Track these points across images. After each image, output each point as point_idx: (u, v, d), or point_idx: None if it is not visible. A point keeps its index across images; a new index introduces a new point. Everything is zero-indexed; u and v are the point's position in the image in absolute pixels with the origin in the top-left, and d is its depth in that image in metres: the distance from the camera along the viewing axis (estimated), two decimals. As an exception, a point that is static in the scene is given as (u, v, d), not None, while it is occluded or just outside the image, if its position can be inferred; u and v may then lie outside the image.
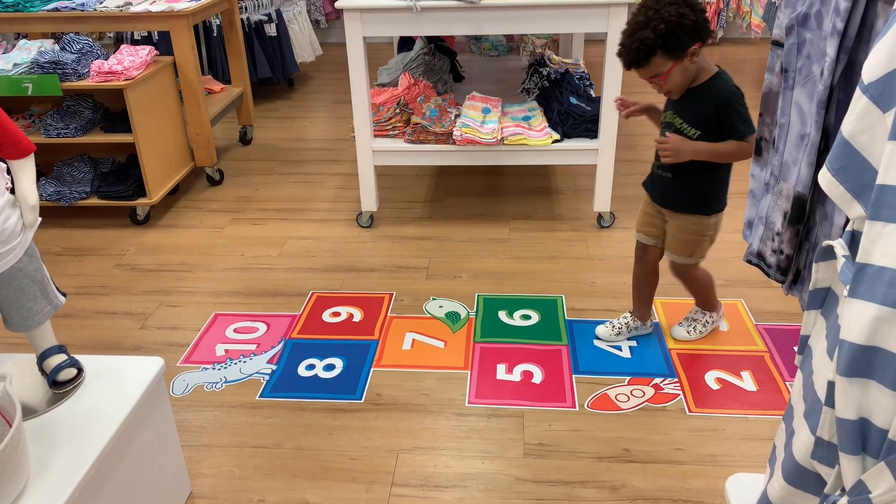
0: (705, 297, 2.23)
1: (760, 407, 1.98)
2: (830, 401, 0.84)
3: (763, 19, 5.31)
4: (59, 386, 1.43)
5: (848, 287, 0.80)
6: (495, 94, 3.23)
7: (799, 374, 1.03)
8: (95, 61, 2.93)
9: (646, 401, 2.02)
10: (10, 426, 1.15)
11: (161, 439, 1.56)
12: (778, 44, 1.32)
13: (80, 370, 1.46)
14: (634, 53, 1.80)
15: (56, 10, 3.14)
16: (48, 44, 3.07)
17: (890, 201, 0.75)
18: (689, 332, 2.25)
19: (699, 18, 1.77)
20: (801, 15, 1.22)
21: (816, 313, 0.98)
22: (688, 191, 1.99)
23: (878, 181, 0.76)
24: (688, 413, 1.97)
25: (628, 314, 2.27)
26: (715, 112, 1.87)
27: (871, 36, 1.08)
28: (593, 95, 3.22)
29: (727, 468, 1.78)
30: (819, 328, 0.97)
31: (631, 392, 2.06)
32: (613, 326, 2.26)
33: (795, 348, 1.03)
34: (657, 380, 2.10)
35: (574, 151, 2.89)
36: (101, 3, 3.17)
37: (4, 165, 1.33)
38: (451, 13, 2.63)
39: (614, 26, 2.60)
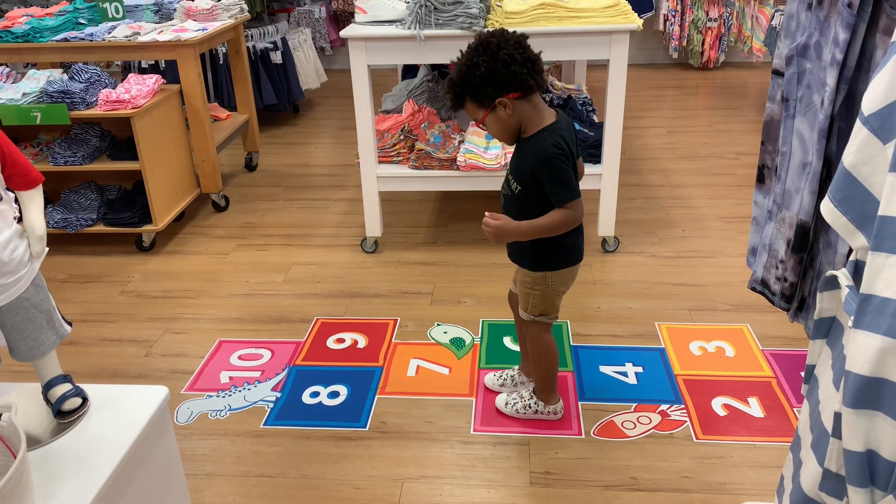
0: (542, 374, 2.01)
1: (768, 434, 1.97)
2: (837, 432, 0.83)
3: (764, 44, 5.36)
4: (64, 416, 1.42)
5: (852, 318, 0.80)
6: (499, 120, 3.24)
7: (806, 403, 1.02)
8: (103, 90, 2.97)
9: (652, 428, 2.01)
10: (15, 457, 1.15)
11: (165, 469, 1.55)
12: (778, 73, 1.34)
13: (84, 399, 1.46)
14: (448, 98, 1.76)
15: (65, 40, 3.19)
16: (57, 73, 3.11)
17: (892, 233, 0.75)
18: (507, 405, 2.07)
19: (499, 69, 1.64)
20: (800, 45, 1.23)
21: (822, 343, 0.98)
22: (513, 245, 1.88)
23: (880, 212, 0.77)
24: (695, 440, 1.96)
25: (516, 368, 2.18)
26: (532, 171, 1.72)
27: (870, 66, 1.09)
28: (596, 121, 3.25)
29: (735, 496, 1.76)
30: (825, 358, 0.97)
31: (637, 419, 2.04)
32: (499, 377, 2.19)
33: (803, 374, 1.03)
34: (664, 406, 2.09)
35: (577, 177, 2.90)
36: (109, 33, 3.22)
37: (13, 195, 1.34)
38: (454, 41, 2.66)
39: (616, 53, 2.63)
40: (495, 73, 1.65)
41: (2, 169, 1.28)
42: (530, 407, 2.05)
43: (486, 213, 1.78)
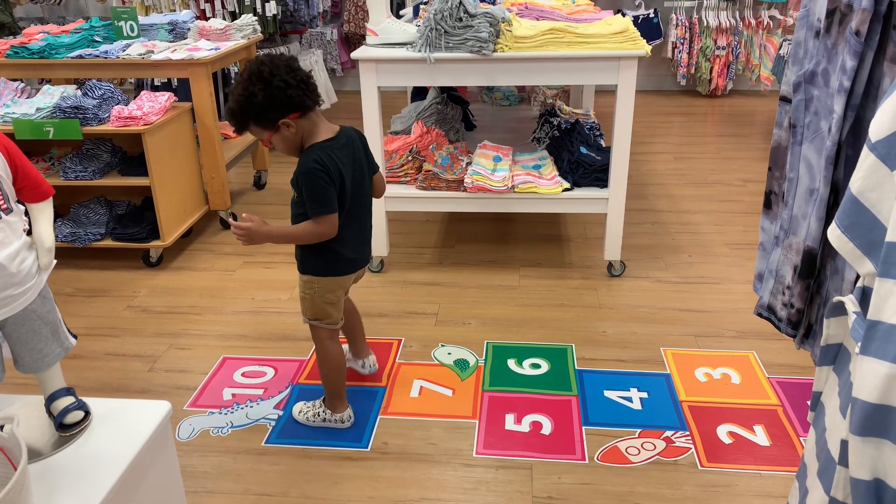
0: (326, 381, 2.09)
1: (774, 462, 1.94)
2: (844, 460, 0.82)
3: (772, 72, 5.39)
4: (66, 429, 1.42)
5: (860, 344, 0.79)
6: (506, 143, 3.27)
7: (812, 431, 1.01)
8: (116, 107, 3.00)
9: (657, 454, 1.99)
10: (16, 469, 1.14)
11: (165, 485, 1.54)
12: (786, 100, 1.34)
13: (87, 413, 1.46)
14: (232, 123, 1.80)
15: (80, 57, 3.24)
16: (71, 89, 3.15)
17: (900, 259, 0.75)
18: (300, 413, 2.15)
19: (276, 95, 1.72)
20: (808, 72, 1.24)
21: (829, 369, 0.97)
22: (295, 247, 1.99)
23: (888, 239, 0.76)
24: (699, 468, 1.94)
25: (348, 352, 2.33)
26: (296, 182, 1.84)
27: (877, 94, 1.10)
28: (603, 145, 3.26)
29: (740, 526, 1.74)
30: (832, 384, 0.96)
31: (642, 445, 2.02)
32: None
33: (809, 402, 1.02)
34: (668, 433, 2.07)
35: (584, 200, 2.91)
36: (123, 50, 3.27)
37: (23, 208, 1.35)
38: (464, 65, 2.69)
39: (624, 78, 2.64)
40: (273, 98, 1.73)
41: (13, 181, 1.29)
42: (319, 415, 2.12)
43: (233, 223, 1.85)
